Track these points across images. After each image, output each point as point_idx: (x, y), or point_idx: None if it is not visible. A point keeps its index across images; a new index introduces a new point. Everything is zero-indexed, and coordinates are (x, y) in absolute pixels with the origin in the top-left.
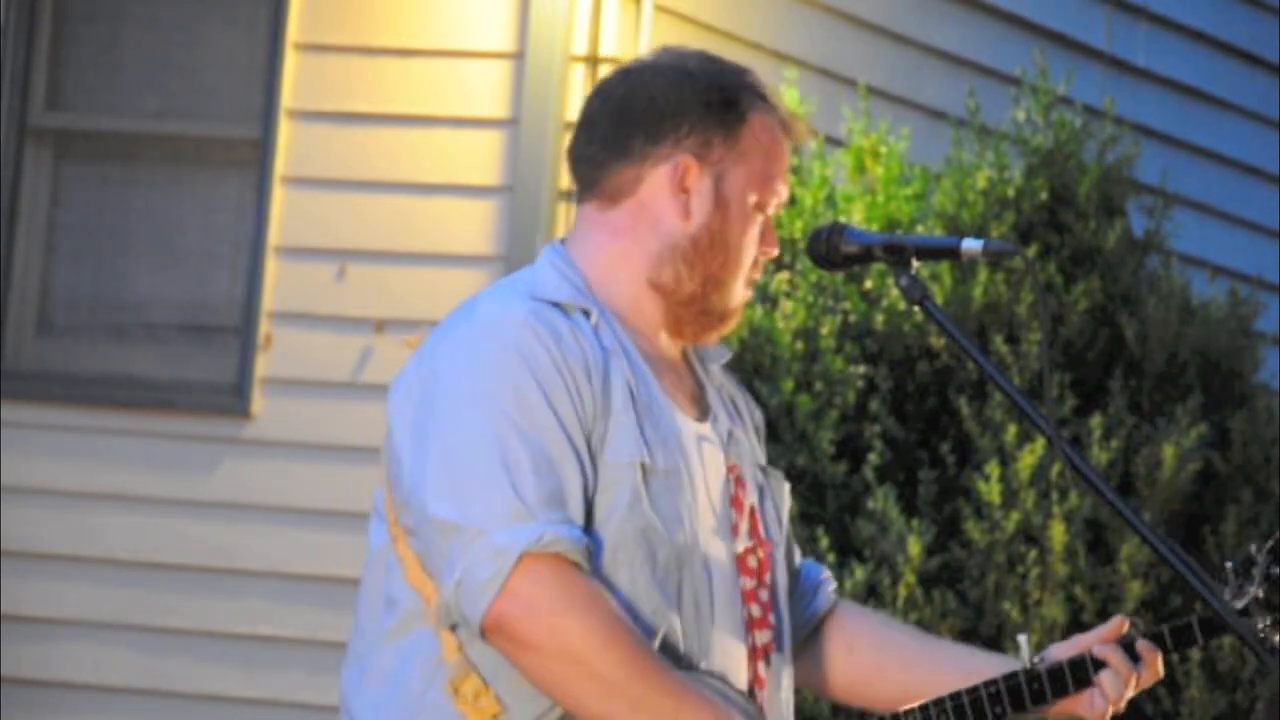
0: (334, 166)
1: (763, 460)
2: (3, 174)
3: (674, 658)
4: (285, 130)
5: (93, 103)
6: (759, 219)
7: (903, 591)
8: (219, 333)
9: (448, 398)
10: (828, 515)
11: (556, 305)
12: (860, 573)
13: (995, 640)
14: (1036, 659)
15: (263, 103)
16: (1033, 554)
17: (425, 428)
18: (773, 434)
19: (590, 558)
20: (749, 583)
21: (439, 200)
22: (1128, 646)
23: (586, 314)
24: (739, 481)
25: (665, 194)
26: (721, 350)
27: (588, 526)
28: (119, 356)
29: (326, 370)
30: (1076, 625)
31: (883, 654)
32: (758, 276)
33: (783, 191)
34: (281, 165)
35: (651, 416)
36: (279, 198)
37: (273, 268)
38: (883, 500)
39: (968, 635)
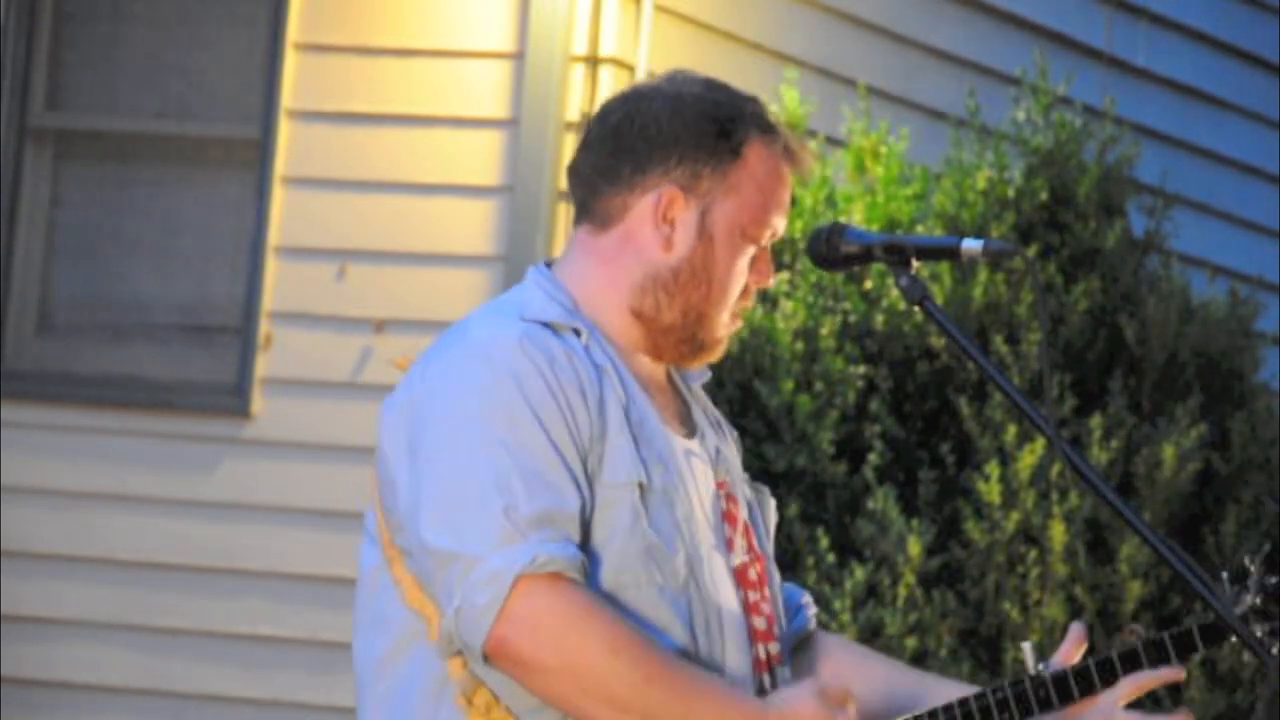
0: (334, 166)
1: (740, 469)
2: (3, 174)
3: None
4: (285, 130)
5: (93, 103)
6: (749, 251)
7: (903, 591)
8: (219, 333)
9: (441, 422)
10: (828, 515)
11: (547, 325)
12: (860, 573)
13: (995, 640)
14: (1041, 667)
15: (263, 103)
16: (1033, 554)
17: (419, 453)
18: (773, 434)
19: (586, 574)
20: (753, 595)
21: (439, 200)
22: (1128, 659)
23: (577, 333)
24: (730, 497)
25: (649, 224)
26: (702, 370)
27: (587, 547)
28: (119, 356)
29: (326, 370)
30: None
31: (866, 684)
32: (749, 305)
33: (778, 224)
34: (281, 165)
35: (645, 435)
36: (279, 198)
37: (273, 268)
38: (883, 500)
39: (968, 635)
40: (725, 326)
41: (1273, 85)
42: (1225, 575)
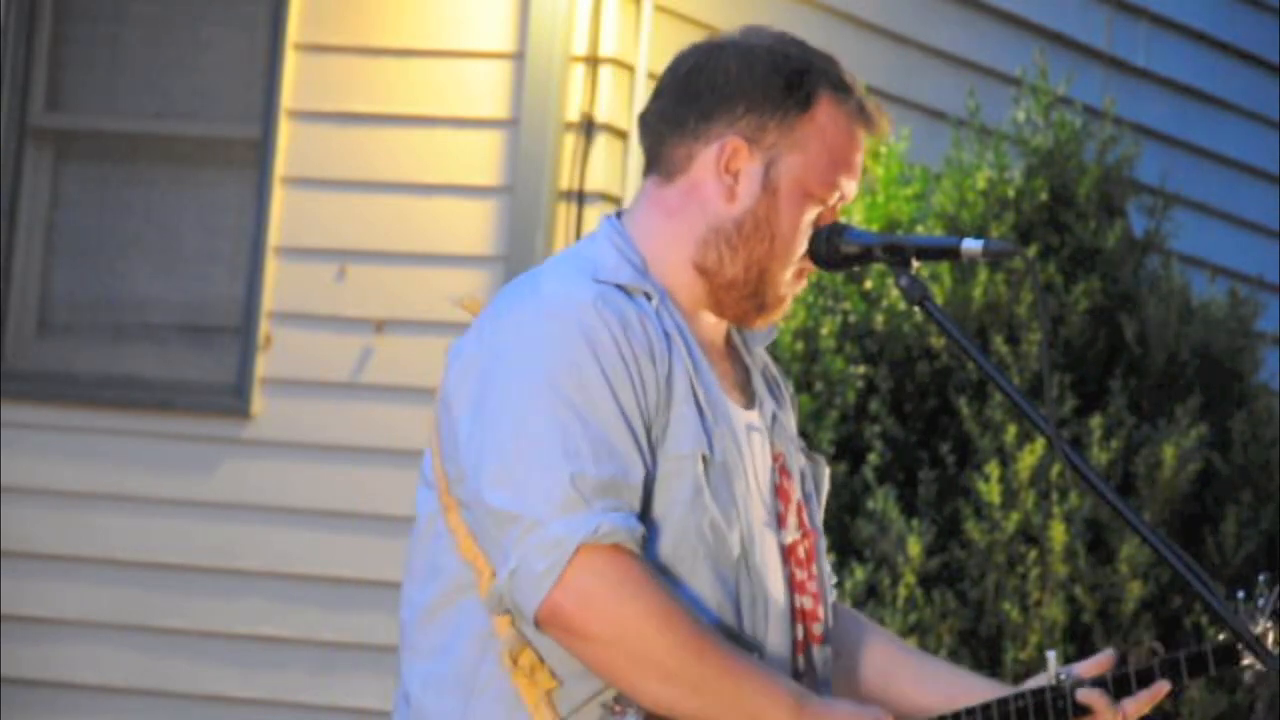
0: (334, 167)
1: (795, 435)
2: (3, 174)
3: None
4: (285, 130)
5: (93, 103)
6: (814, 210)
7: (903, 591)
8: (219, 333)
9: (510, 379)
10: (828, 515)
11: (620, 288)
12: (860, 573)
13: (995, 640)
14: (1063, 675)
15: (263, 103)
16: (1033, 554)
17: (485, 407)
18: None
19: (644, 546)
20: (800, 574)
21: (439, 200)
22: (1142, 676)
23: (648, 297)
24: (784, 471)
25: (712, 174)
26: (768, 331)
27: (646, 518)
28: (119, 356)
29: (326, 370)
30: (1076, 625)
31: (862, 667)
32: (812, 268)
33: (846, 185)
34: (281, 165)
35: (709, 406)
36: (279, 198)
37: (273, 268)
38: (883, 500)
39: (968, 635)
40: (788, 285)
41: (1273, 85)
42: (1240, 595)
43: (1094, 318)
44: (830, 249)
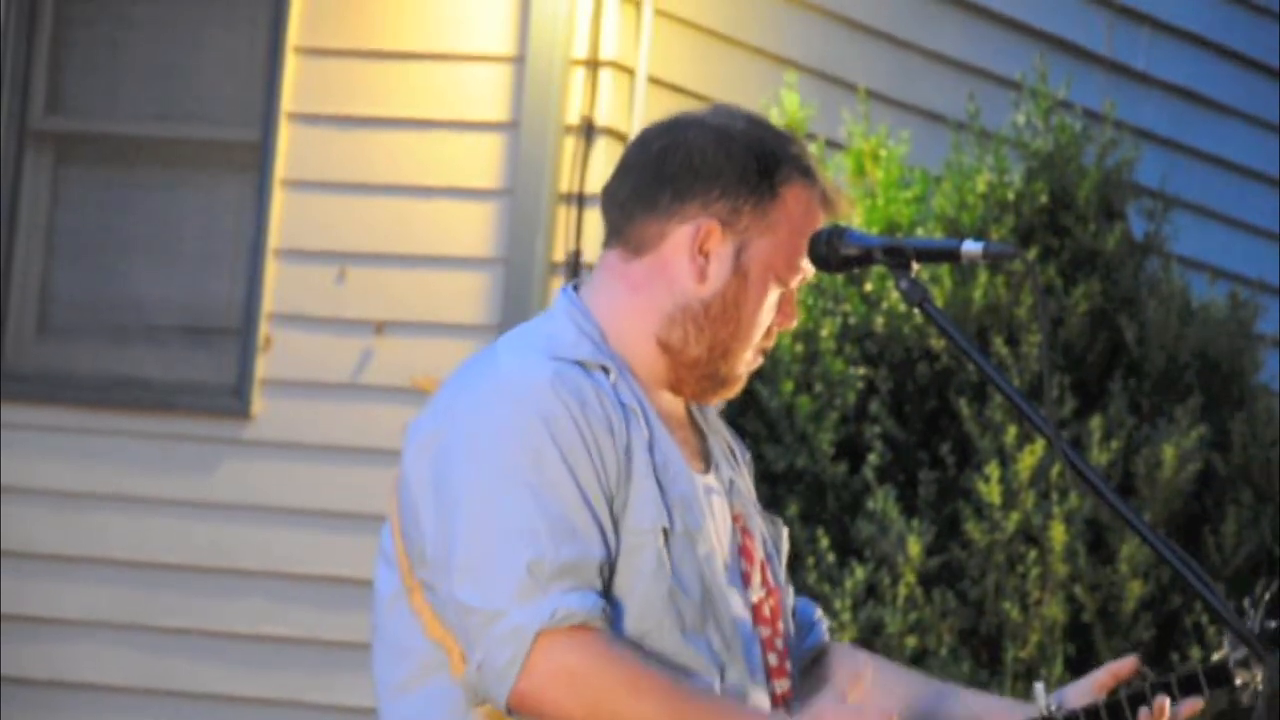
0: (334, 169)
1: (754, 499)
2: (3, 177)
3: None
4: (285, 133)
5: (93, 106)
6: (778, 291)
7: (903, 591)
8: (219, 334)
9: (467, 464)
10: (828, 515)
11: (578, 364)
12: (860, 573)
13: (995, 640)
14: (1053, 706)
15: (263, 105)
16: (1033, 554)
17: (444, 495)
18: (773, 435)
19: (609, 621)
20: (765, 631)
21: (439, 203)
22: (1137, 700)
23: (605, 371)
24: (746, 531)
25: (684, 254)
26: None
27: (611, 594)
28: (119, 358)
29: (326, 372)
30: (1076, 625)
31: (890, 690)
32: (770, 345)
33: (808, 268)
34: (281, 168)
35: (669, 476)
36: (279, 200)
37: (273, 270)
38: (883, 501)
39: (968, 635)
40: (747, 364)
41: (1272, 89)
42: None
43: (1094, 320)
44: (831, 251)
